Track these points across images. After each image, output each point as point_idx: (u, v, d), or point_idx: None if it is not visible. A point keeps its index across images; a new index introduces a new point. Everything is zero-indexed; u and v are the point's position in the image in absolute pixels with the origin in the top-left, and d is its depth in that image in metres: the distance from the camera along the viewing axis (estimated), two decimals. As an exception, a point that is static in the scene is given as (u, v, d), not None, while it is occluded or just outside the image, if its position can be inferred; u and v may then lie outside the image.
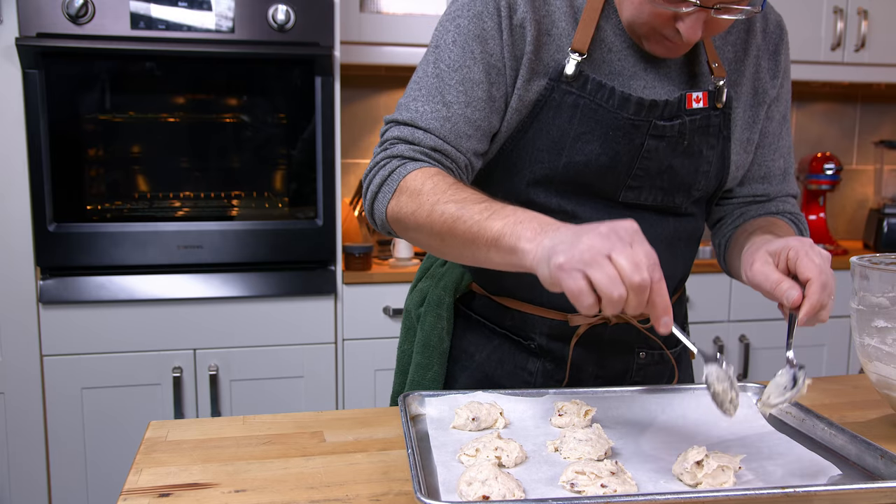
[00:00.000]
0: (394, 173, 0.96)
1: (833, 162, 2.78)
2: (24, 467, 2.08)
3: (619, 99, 0.98)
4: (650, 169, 1.02)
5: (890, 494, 0.72)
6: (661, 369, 1.15)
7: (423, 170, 0.94)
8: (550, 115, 0.99)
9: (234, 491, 0.77)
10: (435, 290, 1.15)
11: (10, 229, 2.01)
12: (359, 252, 2.25)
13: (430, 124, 0.97)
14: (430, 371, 1.14)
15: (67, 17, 1.93)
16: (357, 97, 2.75)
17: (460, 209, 0.86)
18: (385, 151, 0.99)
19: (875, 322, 0.97)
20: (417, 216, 0.91)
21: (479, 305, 1.15)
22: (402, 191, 0.94)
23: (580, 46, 0.98)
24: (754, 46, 1.10)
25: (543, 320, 1.09)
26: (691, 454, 0.76)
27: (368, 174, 1.01)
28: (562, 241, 0.75)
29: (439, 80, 0.98)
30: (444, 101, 0.97)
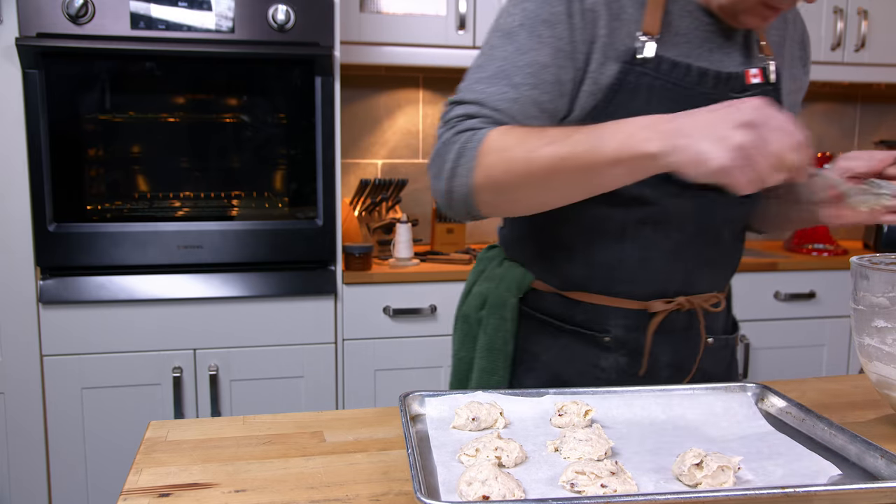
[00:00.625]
0: (468, 144, 0.93)
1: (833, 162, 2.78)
2: (24, 467, 2.08)
3: (696, 74, 1.00)
4: None
5: (890, 494, 0.72)
6: (725, 353, 1.18)
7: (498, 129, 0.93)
8: (626, 99, 0.99)
9: (234, 491, 0.77)
10: (496, 292, 1.13)
11: (10, 229, 2.01)
12: (359, 252, 2.25)
13: (499, 105, 0.96)
14: (495, 375, 1.12)
15: (67, 17, 1.93)
16: (357, 97, 2.75)
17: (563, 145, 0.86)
18: (451, 129, 0.96)
19: (875, 322, 0.97)
20: (513, 170, 0.89)
21: (545, 303, 1.12)
22: (486, 154, 0.92)
23: (651, 29, 0.99)
24: (789, 35, 1.14)
25: (619, 311, 1.08)
26: (688, 457, 0.76)
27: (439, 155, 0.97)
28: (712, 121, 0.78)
29: (507, 62, 0.97)
30: (512, 83, 0.96)
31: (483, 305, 1.15)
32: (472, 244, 2.83)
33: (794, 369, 2.57)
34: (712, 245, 1.11)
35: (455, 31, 2.42)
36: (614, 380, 1.10)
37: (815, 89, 3.07)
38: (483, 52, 1.01)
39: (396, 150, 2.81)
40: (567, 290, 1.11)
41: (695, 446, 0.83)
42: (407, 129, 2.81)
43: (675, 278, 1.10)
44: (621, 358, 1.10)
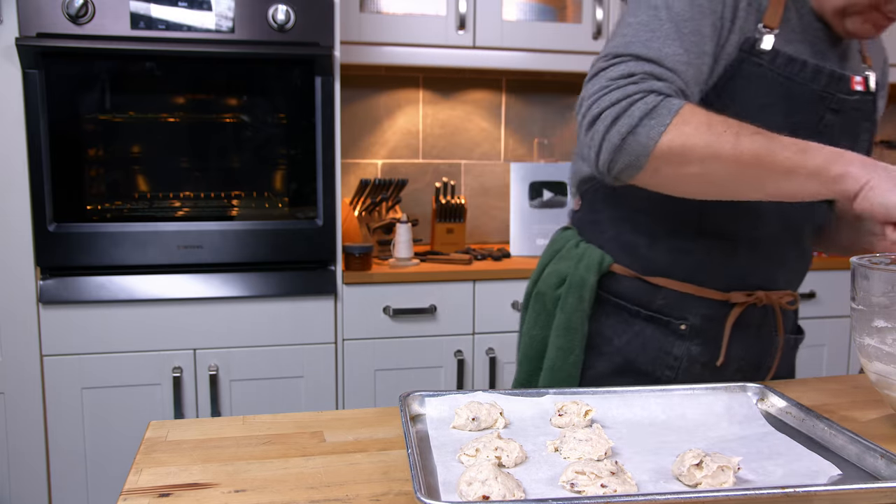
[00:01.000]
0: (660, 106, 0.91)
1: (833, 162, 2.78)
2: (24, 467, 2.08)
3: (811, 71, 1.01)
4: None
5: (890, 494, 0.72)
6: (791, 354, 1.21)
7: (694, 105, 0.93)
8: (739, 86, 1.01)
9: (234, 491, 0.77)
10: (577, 271, 1.13)
11: (10, 229, 2.01)
12: (359, 252, 2.25)
13: (676, 66, 0.95)
14: (571, 355, 1.12)
15: (67, 17, 1.93)
16: (357, 97, 2.75)
17: (770, 142, 0.89)
18: (636, 85, 0.93)
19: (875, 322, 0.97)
20: (718, 147, 0.89)
21: (622, 287, 1.12)
22: (684, 123, 0.90)
23: (771, 22, 1.00)
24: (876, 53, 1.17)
25: (700, 300, 1.09)
26: (688, 457, 0.76)
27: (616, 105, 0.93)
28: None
29: (675, 25, 0.96)
30: (684, 46, 0.95)
31: (560, 284, 1.14)
32: (472, 244, 2.83)
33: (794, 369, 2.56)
34: (794, 243, 1.13)
35: (455, 31, 2.42)
36: (685, 368, 1.11)
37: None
38: (639, 13, 0.98)
39: (396, 150, 2.81)
40: (647, 275, 1.11)
41: (695, 446, 0.83)
42: (407, 129, 2.81)
43: (757, 272, 1.11)
44: (694, 347, 1.11)
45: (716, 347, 1.11)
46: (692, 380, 1.11)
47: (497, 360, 2.34)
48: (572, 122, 2.97)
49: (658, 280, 1.10)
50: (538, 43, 2.49)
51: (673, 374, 1.11)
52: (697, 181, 0.94)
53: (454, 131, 2.85)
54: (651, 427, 0.92)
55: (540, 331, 1.17)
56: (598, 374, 1.13)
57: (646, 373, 1.11)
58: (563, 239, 1.20)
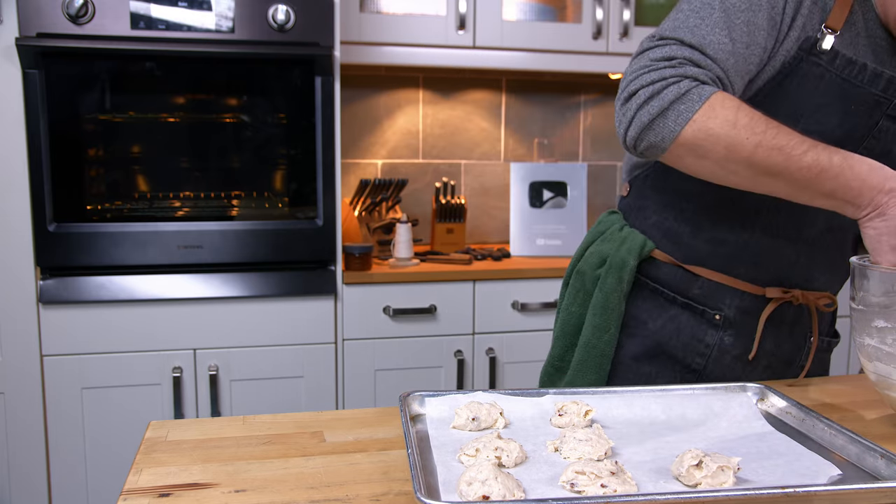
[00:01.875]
0: (691, 92, 0.93)
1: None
2: (24, 467, 2.08)
3: (870, 74, 1.01)
4: (874, 150, 1.04)
5: (890, 494, 0.72)
6: (826, 357, 1.23)
7: (726, 95, 0.93)
8: (795, 84, 1.01)
9: (234, 491, 0.77)
10: (618, 253, 1.15)
11: (10, 229, 2.01)
12: (359, 252, 2.25)
13: (718, 55, 0.96)
14: (606, 333, 1.14)
15: (67, 17, 1.93)
16: (357, 97, 2.75)
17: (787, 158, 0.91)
18: (673, 69, 0.95)
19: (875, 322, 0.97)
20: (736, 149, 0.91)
21: (661, 273, 1.14)
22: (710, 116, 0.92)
23: (835, 24, 1.00)
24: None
25: (736, 292, 1.11)
26: (687, 458, 0.76)
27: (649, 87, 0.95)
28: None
29: (726, 14, 0.96)
30: (731, 36, 0.96)
31: (601, 264, 1.16)
32: (472, 244, 2.84)
33: (794, 369, 2.56)
34: (837, 247, 1.13)
35: (455, 31, 2.42)
36: (716, 357, 1.12)
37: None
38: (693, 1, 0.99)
39: (396, 150, 2.81)
40: (686, 263, 1.13)
41: (695, 446, 0.83)
42: (407, 129, 2.81)
43: (796, 271, 1.12)
44: (727, 337, 1.12)
45: (748, 340, 1.13)
46: (722, 370, 1.13)
47: (497, 360, 2.35)
48: (572, 122, 2.97)
49: (697, 269, 1.12)
50: (538, 43, 2.49)
51: (703, 362, 1.13)
52: (713, 173, 0.96)
53: (454, 131, 2.85)
54: (651, 427, 0.92)
55: (578, 308, 1.19)
56: (629, 354, 1.15)
57: (677, 358, 1.13)
58: (608, 222, 1.22)
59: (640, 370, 1.13)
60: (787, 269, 1.12)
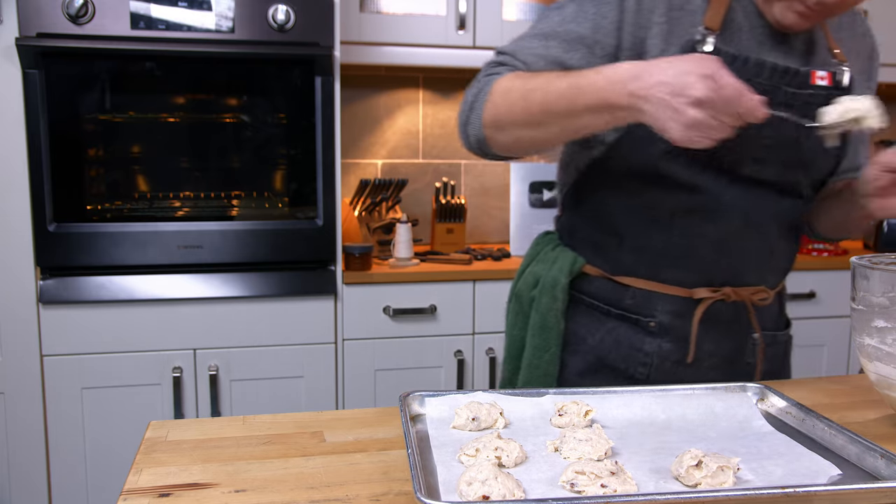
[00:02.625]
0: (485, 87, 1.03)
1: (833, 162, 2.77)
2: (24, 467, 2.08)
3: (753, 65, 1.03)
4: (778, 140, 1.06)
5: (890, 494, 0.72)
6: (776, 350, 1.21)
7: (508, 74, 1.02)
8: None
9: (234, 491, 0.77)
10: (549, 273, 1.17)
11: (10, 229, 2.01)
12: (359, 252, 2.25)
13: (527, 58, 1.04)
14: (547, 352, 1.16)
15: (67, 17, 1.93)
16: (357, 97, 2.75)
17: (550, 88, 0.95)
18: (486, 75, 1.05)
19: (875, 322, 0.97)
20: (511, 109, 0.99)
21: (594, 287, 1.16)
22: (494, 94, 1.01)
23: (713, 24, 1.03)
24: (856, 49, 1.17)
25: (667, 297, 1.11)
26: (686, 458, 0.76)
27: (466, 95, 1.06)
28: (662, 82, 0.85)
29: (549, 27, 1.05)
30: (547, 44, 1.04)
31: (536, 285, 1.19)
32: (472, 244, 2.83)
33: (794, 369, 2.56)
34: (761, 239, 1.14)
35: (455, 31, 2.42)
36: (657, 365, 1.13)
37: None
38: (535, 18, 1.10)
39: (396, 150, 2.81)
40: (616, 275, 1.14)
41: (695, 446, 0.83)
42: (407, 129, 2.81)
43: (722, 269, 1.12)
44: (665, 344, 1.13)
45: (686, 344, 1.13)
46: (665, 376, 1.13)
47: (497, 360, 2.34)
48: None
49: (626, 279, 1.14)
50: (538, 43, 2.49)
51: (646, 371, 1.14)
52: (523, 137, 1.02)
53: (454, 131, 2.85)
54: (651, 427, 0.92)
55: (519, 331, 1.22)
56: (574, 371, 1.17)
57: (619, 370, 1.14)
58: (542, 243, 1.26)
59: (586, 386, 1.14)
60: (712, 268, 1.12)
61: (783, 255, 1.19)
